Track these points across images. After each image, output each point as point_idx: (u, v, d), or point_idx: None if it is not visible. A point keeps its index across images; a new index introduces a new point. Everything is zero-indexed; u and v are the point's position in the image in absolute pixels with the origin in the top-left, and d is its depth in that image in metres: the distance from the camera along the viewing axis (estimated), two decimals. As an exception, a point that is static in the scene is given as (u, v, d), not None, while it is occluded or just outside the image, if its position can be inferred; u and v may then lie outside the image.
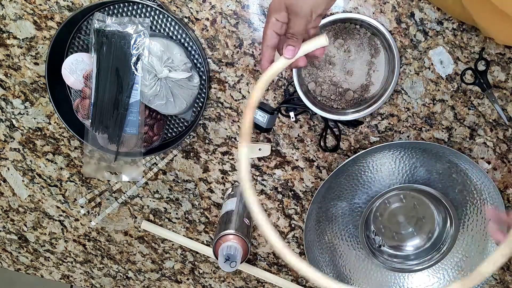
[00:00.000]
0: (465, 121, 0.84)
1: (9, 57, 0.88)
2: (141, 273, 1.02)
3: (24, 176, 0.96)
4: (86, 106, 0.81)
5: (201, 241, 0.97)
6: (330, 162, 0.89)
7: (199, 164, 0.91)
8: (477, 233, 0.88)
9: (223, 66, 0.84)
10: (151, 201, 0.95)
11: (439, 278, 0.92)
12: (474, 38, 0.79)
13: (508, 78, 0.81)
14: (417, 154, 0.84)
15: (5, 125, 0.93)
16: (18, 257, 1.05)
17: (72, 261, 1.03)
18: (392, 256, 0.92)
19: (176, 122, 0.89)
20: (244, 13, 0.81)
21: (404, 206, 0.90)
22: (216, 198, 0.93)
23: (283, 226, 0.94)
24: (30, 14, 0.84)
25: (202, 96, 0.85)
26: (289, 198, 0.92)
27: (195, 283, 1.02)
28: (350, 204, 0.88)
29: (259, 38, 0.82)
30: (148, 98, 0.80)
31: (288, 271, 0.97)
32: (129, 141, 0.83)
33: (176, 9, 0.82)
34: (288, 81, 0.84)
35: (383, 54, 0.81)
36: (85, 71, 0.81)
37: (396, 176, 0.85)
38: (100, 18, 0.78)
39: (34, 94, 0.90)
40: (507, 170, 0.87)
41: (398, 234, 0.92)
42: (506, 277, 0.94)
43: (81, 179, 0.95)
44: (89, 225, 0.99)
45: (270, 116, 0.81)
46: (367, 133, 0.86)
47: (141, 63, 0.77)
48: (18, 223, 1.01)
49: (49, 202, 0.98)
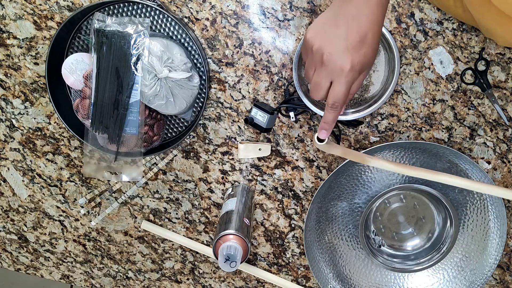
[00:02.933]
0: (465, 121, 0.84)
1: (9, 57, 0.88)
2: (141, 273, 1.02)
3: (24, 176, 0.96)
4: (86, 106, 0.81)
5: (201, 241, 0.97)
6: (330, 162, 0.89)
7: (199, 164, 0.91)
8: (477, 233, 0.88)
9: (223, 66, 0.84)
10: (151, 201, 0.95)
11: (439, 278, 0.92)
12: (474, 38, 0.79)
13: (508, 78, 0.81)
14: (417, 154, 0.84)
15: (5, 125, 0.93)
16: (18, 257, 1.05)
17: (72, 261, 1.03)
18: (392, 256, 0.92)
19: (176, 122, 0.89)
20: (244, 13, 0.81)
21: (404, 206, 0.90)
22: (216, 198, 0.93)
23: (283, 226, 0.94)
24: (30, 14, 0.84)
25: (202, 96, 0.85)
26: (289, 198, 0.92)
27: (195, 283, 1.02)
28: (350, 204, 0.88)
29: (259, 38, 0.82)
30: (148, 98, 0.80)
31: (288, 271, 0.97)
32: (129, 141, 0.83)
33: (176, 9, 0.82)
34: (288, 81, 0.84)
35: (383, 54, 0.81)
36: (85, 71, 0.81)
37: (396, 176, 0.85)
38: (100, 18, 0.78)
39: (34, 94, 0.90)
40: (507, 170, 0.87)
41: (398, 234, 0.92)
42: (506, 277, 0.94)
43: (81, 179, 0.95)
44: (89, 225, 0.99)
45: (270, 116, 0.81)
46: (367, 133, 0.86)
47: (141, 63, 0.77)
48: (18, 223, 1.01)
49: (49, 202, 0.98)
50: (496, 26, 0.66)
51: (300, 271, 0.97)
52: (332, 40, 0.57)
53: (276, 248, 0.96)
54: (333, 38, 0.57)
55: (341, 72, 0.57)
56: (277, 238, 0.95)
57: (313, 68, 0.60)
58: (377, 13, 0.56)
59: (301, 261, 0.96)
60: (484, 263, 0.89)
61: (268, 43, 0.82)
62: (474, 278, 0.90)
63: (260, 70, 0.84)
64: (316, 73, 0.60)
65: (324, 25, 0.58)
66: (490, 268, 0.89)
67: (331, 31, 0.57)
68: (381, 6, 0.57)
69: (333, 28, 0.57)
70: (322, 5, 0.79)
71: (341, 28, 0.56)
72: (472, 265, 0.90)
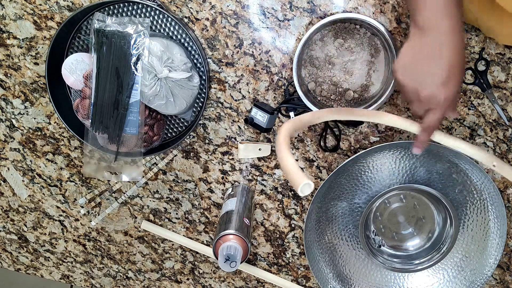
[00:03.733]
0: (465, 121, 0.84)
1: (9, 57, 0.88)
2: (141, 273, 1.02)
3: (24, 176, 0.96)
4: (86, 106, 0.81)
5: (201, 241, 0.97)
6: (330, 162, 0.89)
7: (199, 164, 0.91)
8: (477, 233, 0.88)
9: (223, 66, 0.84)
10: (151, 201, 0.95)
11: (439, 278, 0.92)
12: (474, 38, 0.79)
13: (508, 78, 0.81)
14: (417, 154, 0.84)
15: (5, 125, 0.93)
16: (18, 257, 1.05)
17: (72, 261, 1.03)
18: (392, 256, 0.92)
19: (176, 122, 0.89)
20: (244, 13, 0.81)
21: (404, 206, 0.90)
22: (216, 198, 0.93)
23: (283, 226, 0.94)
24: (30, 14, 0.84)
25: (202, 96, 0.85)
26: (289, 198, 0.92)
27: (195, 283, 1.02)
28: (350, 204, 0.88)
29: (259, 38, 0.82)
30: (148, 98, 0.80)
31: (288, 271, 0.97)
32: (129, 141, 0.83)
33: (176, 9, 0.82)
34: (288, 81, 0.84)
35: (383, 54, 0.81)
36: (85, 71, 0.81)
37: (396, 176, 0.85)
38: (100, 18, 0.78)
39: (34, 94, 0.90)
40: (507, 170, 0.87)
41: (398, 234, 0.92)
42: (506, 277, 0.94)
43: (81, 179, 0.95)
44: (89, 225, 0.99)
45: (270, 116, 0.81)
46: (367, 133, 0.86)
47: (141, 63, 0.77)
48: (18, 223, 1.01)
49: (49, 202, 0.98)
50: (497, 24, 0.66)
51: (300, 271, 0.97)
52: (423, 81, 0.61)
53: (276, 248, 0.96)
54: (424, 79, 0.61)
55: (436, 105, 0.63)
56: (277, 238, 0.95)
57: (410, 101, 0.66)
58: (458, 40, 0.59)
59: (301, 261, 0.96)
60: (484, 263, 0.89)
61: (268, 43, 0.82)
62: (474, 278, 0.90)
63: (260, 70, 0.84)
64: (414, 105, 0.66)
65: (411, 65, 0.62)
66: (490, 268, 0.89)
67: (419, 70, 0.61)
68: (459, 33, 0.58)
69: (420, 66, 0.61)
70: (322, 5, 0.79)
71: (428, 66, 0.60)
72: (472, 265, 0.90)
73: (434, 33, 0.58)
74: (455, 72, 0.60)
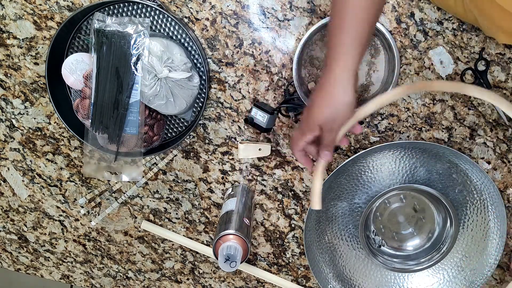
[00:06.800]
0: (465, 121, 0.84)
1: (9, 57, 0.88)
2: (141, 273, 1.02)
3: (24, 176, 0.96)
4: (86, 106, 0.81)
5: (201, 241, 0.97)
6: (330, 162, 0.89)
7: (199, 164, 0.91)
8: (477, 233, 0.88)
9: (223, 66, 0.84)
10: (151, 201, 0.95)
11: (439, 278, 0.92)
12: (474, 38, 0.79)
13: (508, 78, 0.81)
14: (417, 154, 0.84)
15: (5, 125, 0.93)
16: (18, 257, 1.05)
17: (72, 261, 1.03)
18: (392, 256, 0.92)
19: (176, 122, 0.89)
20: (244, 13, 0.81)
21: (404, 206, 0.90)
22: (216, 198, 0.93)
23: (283, 226, 0.94)
24: (30, 14, 0.84)
25: (202, 96, 0.85)
26: (289, 198, 0.92)
27: (195, 283, 1.02)
28: (350, 204, 0.88)
29: (259, 38, 0.82)
30: (148, 98, 0.80)
31: (288, 271, 0.97)
32: (129, 141, 0.83)
33: (176, 9, 0.82)
34: (288, 81, 0.84)
35: (383, 54, 0.81)
36: (85, 71, 0.81)
37: (396, 176, 0.85)
38: (100, 18, 0.78)
39: (34, 94, 0.90)
40: (507, 170, 0.87)
41: (398, 234, 0.92)
42: (506, 277, 0.94)
43: (81, 179, 0.95)
44: (89, 225, 0.99)
45: (270, 116, 0.81)
46: (367, 133, 0.86)
47: (141, 63, 0.77)
48: (18, 223, 1.01)
49: (49, 202, 0.98)
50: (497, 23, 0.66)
51: (300, 271, 0.97)
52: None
53: (276, 248, 0.96)
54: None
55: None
56: (277, 238, 0.95)
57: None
58: (315, 96, 0.65)
59: (301, 261, 0.96)
60: (484, 263, 0.89)
61: (268, 43, 0.82)
62: (474, 278, 0.90)
63: (260, 70, 0.84)
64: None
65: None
66: (490, 268, 0.89)
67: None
68: (321, 91, 0.65)
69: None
70: (322, 5, 0.79)
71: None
72: (472, 265, 0.90)
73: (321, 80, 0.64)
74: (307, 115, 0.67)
